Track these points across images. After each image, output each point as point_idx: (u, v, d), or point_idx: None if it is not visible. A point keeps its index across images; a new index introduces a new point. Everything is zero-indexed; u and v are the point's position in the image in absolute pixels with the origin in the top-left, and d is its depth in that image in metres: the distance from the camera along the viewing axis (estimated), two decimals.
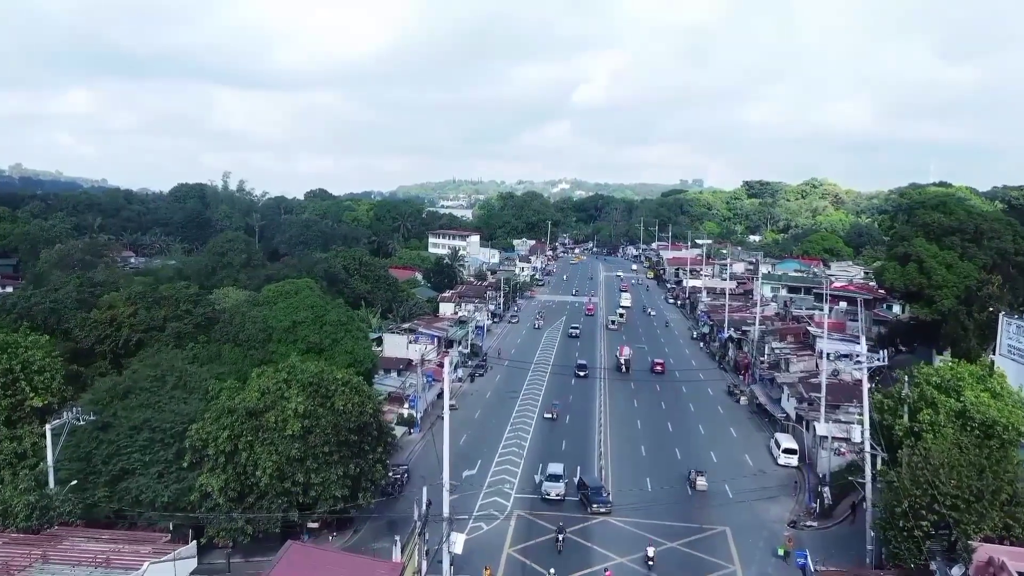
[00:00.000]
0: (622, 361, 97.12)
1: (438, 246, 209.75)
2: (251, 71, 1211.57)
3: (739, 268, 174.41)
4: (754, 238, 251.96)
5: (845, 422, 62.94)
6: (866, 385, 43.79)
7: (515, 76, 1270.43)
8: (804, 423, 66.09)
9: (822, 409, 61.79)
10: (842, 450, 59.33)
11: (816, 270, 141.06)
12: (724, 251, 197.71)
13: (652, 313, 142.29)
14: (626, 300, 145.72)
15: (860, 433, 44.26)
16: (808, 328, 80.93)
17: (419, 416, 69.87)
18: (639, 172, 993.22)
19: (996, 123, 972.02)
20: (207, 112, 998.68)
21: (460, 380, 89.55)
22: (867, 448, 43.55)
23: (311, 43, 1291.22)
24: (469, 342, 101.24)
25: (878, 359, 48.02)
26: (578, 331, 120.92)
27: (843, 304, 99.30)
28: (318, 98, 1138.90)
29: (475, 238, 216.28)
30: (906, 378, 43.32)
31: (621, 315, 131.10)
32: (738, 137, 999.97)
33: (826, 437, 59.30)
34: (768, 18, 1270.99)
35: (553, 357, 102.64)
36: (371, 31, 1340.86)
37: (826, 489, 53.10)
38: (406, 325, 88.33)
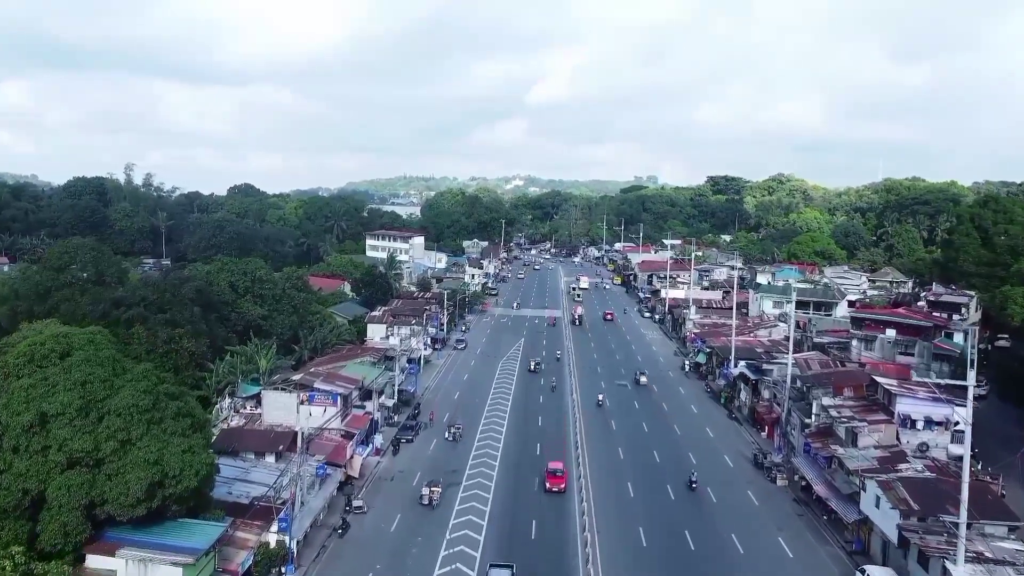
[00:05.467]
0: (576, 316, 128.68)
1: (377, 248, 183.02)
2: (199, 65, 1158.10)
3: (720, 274, 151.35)
4: (725, 238, 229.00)
5: (993, 561, 38.80)
6: None
7: (471, 73, 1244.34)
8: (916, 552, 41.38)
9: (961, 543, 37.26)
10: None
11: (826, 280, 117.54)
12: (699, 253, 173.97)
13: (607, 287, 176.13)
14: (584, 283, 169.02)
15: None
16: (876, 379, 56.26)
17: (295, 543, 43.10)
18: (593, 169, 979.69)
19: (943, 123, 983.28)
20: (151, 107, 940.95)
21: (379, 452, 62.94)
22: None
23: (262, 37, 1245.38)
24: (396, 388, 74.53)
25: None
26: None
27: (890, 332, 75.38)
28: (268, 94, 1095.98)
29: (419, 240, 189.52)
30: None
31: (578, 291, 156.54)
32: (693, 135, 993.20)
33: None
34: (727, 18, 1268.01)
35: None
36: (324, 25, 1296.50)
37: None
38: (297, 377, 61.01)
